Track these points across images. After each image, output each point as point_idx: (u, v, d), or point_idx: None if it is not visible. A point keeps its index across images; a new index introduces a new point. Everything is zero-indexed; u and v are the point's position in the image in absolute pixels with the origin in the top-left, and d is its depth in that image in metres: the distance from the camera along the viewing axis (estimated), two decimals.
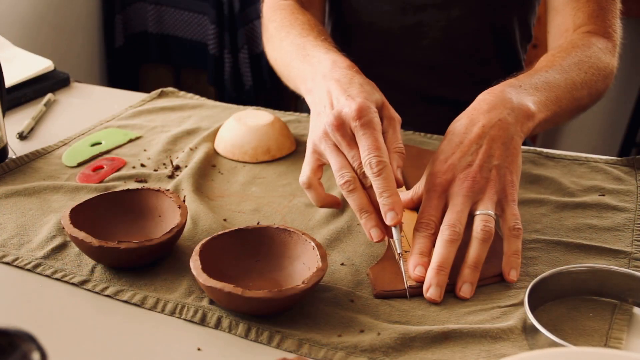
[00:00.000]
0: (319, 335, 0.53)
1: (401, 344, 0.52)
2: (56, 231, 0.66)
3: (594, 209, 0.72)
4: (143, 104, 1.00)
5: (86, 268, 0.61)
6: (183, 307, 0.57)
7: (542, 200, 0.74)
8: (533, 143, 1.29)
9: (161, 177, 0.78)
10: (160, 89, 1.05)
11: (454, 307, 0.57)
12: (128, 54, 2.27)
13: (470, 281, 0.59)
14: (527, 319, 0.53)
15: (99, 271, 0.61)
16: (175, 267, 0.62)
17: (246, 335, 0.54)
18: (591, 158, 0.83)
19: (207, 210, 0.70)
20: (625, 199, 0.74)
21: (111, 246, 0.58)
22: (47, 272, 0.61)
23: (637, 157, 0.81)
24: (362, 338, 0.53)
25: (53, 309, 0.57)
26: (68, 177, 0.78)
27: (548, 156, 0.84)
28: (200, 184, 0.77)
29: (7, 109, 0.96)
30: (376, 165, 0.58)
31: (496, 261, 0.61)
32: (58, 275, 0.61)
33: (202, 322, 0.55)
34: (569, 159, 0.83)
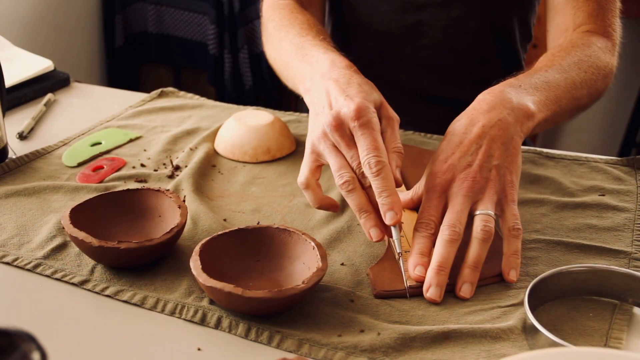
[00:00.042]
0: (319, 335, 0.53)
1: (401, 344, 0.52)
2: (56, 231, 0.66)
3: (594, 209, 0.72)
4: (143, 104, 1.00)
5: (86, 268, 0.61)
6: (183, 307, 0.57)
7: (542, 200, 0.74)
8: (533, 143, 1.29)
9: (161, 177, 0.78)
10: (160, 89, 1.05)
11: (454, 307, 0.57)
12: (128, 54, 2.27)
13: (470, 281, 0.59)
14: (527, 319, 0.53)
15: (99, 271, 0.61)
16: (175, 267, 0.62)
17: (246, 335, 0.54)
18: (591, 158, 0.83)
19: (207, 210, 0.70)
20: (625, 199, 0.74)
21: (111, 246, 0.58)
22: (47, 272, 0.61)
23: (637, 157, 0.81)
24: (362, 338, 0.53)
25: (53, 309, 0.57)
26: (68, 177, 0.78)
27: (548, 156, 0.84)
28: (200, 184, 0.77)
29: (7, 109, 0.96)
30: (375, 165, 0.58)
31: (496, 261, 0.61)
32: (58, 275, 0.61)
33: (202, 322, 0.55)
34: (569, 159, 0.83)
